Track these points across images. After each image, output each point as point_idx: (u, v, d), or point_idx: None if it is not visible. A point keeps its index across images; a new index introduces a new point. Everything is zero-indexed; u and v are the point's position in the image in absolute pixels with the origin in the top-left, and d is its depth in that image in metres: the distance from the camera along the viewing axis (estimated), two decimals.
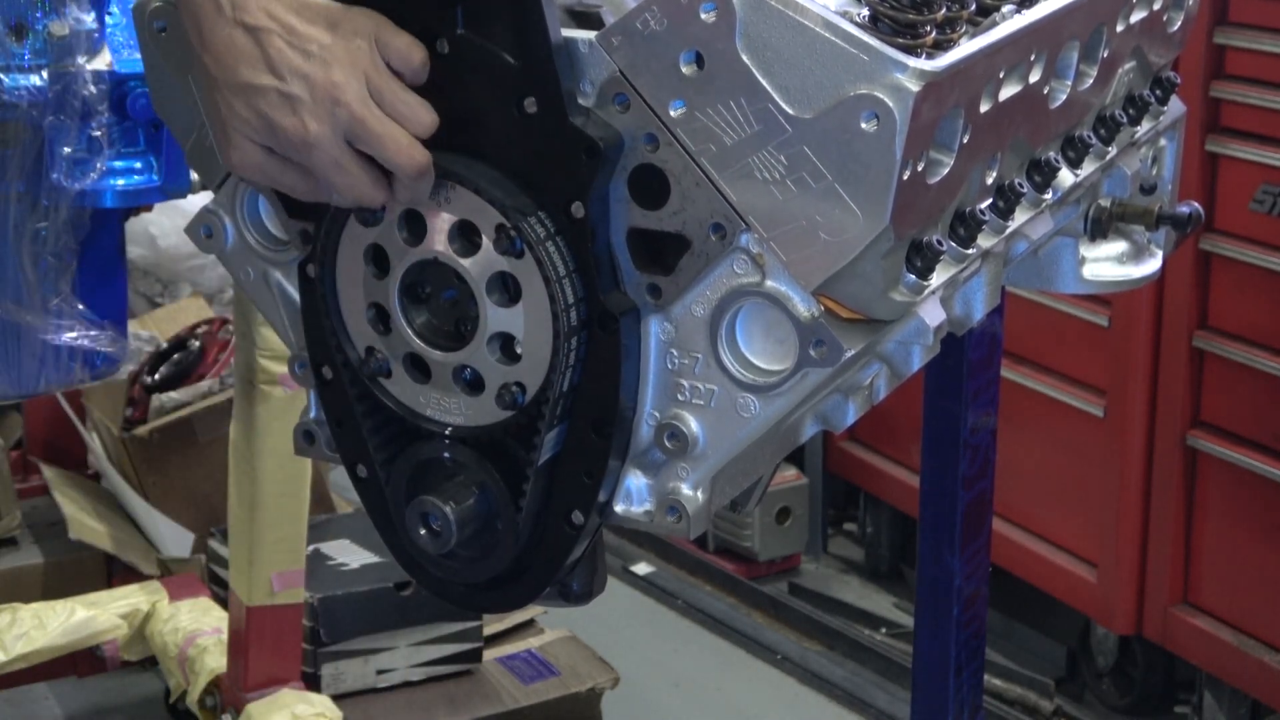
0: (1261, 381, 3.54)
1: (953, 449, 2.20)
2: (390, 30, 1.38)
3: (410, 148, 1.37)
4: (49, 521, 3.79)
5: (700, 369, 1.39)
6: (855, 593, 4.68)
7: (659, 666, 4.11)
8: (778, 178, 1.32)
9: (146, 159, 2.58)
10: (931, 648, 2.27)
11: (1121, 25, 1.76)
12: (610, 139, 1.36)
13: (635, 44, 1.34)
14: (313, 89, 1.36)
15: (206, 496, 3.76)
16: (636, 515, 1.44)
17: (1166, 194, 2.05)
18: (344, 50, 1.36)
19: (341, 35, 1.37)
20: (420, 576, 1.55)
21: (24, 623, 3.20)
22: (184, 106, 1.56)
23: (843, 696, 4.00)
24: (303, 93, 1.36)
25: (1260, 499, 3.58)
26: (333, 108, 1.36)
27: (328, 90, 1.36)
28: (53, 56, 2.48)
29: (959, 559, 2.22)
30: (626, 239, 1.39)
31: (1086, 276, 1.97)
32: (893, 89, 1.27)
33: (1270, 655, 3.56)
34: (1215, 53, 3.57)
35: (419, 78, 1.39)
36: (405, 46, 1.38)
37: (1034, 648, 4.29)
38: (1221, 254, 3.60)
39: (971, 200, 1.50)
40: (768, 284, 1.35)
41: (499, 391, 1.42)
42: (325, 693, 3.20)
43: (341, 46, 1.36)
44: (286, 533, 2.97)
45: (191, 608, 3.30)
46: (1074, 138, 1.73)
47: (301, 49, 1.36)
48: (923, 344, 1.43)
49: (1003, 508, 3.41)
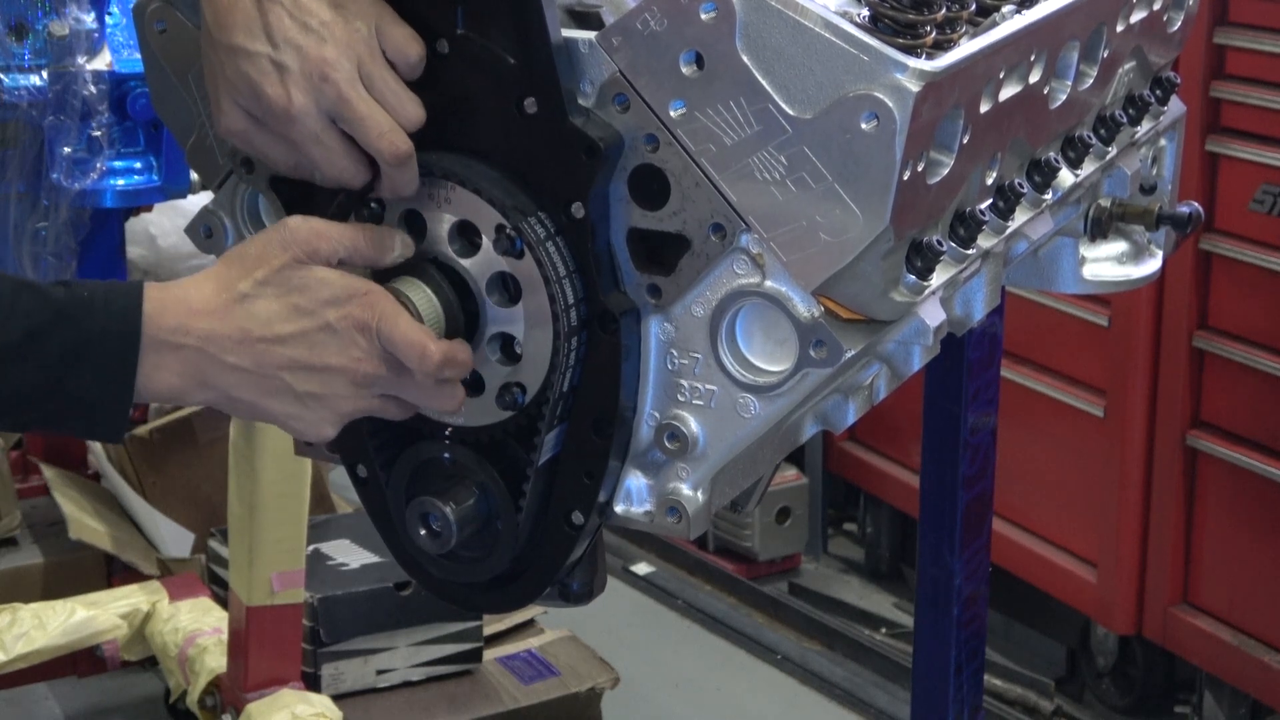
0: (1261, 381, 3.55)
1: (953, 449, 2.20)
2: (392, 20, 1.39)
3: (391, 133, 1.37)
4: (49, 521, 3.78)
5: (700, 369, 1.39)
6: (855, 593, 4.68)
7: (659, 666, 4.11)
8: (778, 178, 1.32)
9: (146, 159, 2.59)
10: (931, 648, 2.27)
11: (1121, 25, 1.76)
12: (610, 139, 1.36)
13: (635, 44, 1.34)
14: (304, 61, 1.36)
15: (206, 496, 3.76)
16: (636, 515, 1.44)
17: (1166, 194, 2.05)
18: (343, 30, 1.37)
19: (343, 16, 1.37)
20: (420, 577, 1.55)
21: (24, 623, 3.20)
22: (184, 106, 1.56)
23: (843, 696, 4.00)
24: (293, 63, 1.36)
25: (1260, 499, 3.58)
26: (320, 83, 1.36)
27: (318, 64, 1.36)
28: (53, 56, 2.48)
29: (959, 559, 2.22)
30: (626, 239, 1.39)
31: (1086, 276, 1.97)
32: (893, 89, 1.27)
33: (1270, 655, 3.56)
34: (1215, 53, 3.58)
35: (413, 72, 1.39)
36: (403, 38, 1.38)
37: (1034, 648, 4.29)
38: (1221, 254, 3.60)
39: (972, 200, 1.50)
40: (768, 284, 1.35)
41: (499, 392, 1.42)
42: (325, 693, 3.20)
43: (341, 26, 1.37)
44: (286, 533, 2.97)
45: (191, 608, 3.30)
46: (1074, 138, 1.73)
47: (301, 21, 1.36)
48: (923, 344, 1.43)
49: (1003, 508, 3.41)
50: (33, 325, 1.26)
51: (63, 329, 1.27)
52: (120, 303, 1.30)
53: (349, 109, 1.36)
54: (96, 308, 1.29)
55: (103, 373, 1.29)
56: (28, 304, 1.27)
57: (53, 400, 1.29)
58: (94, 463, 3.99)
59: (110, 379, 1.29)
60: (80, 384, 1.28)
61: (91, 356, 1.28)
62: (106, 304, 1.29)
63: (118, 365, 1.29)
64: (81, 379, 1.28)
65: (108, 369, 1.29)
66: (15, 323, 1.26)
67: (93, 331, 1.28)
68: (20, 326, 1.26)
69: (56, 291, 1.29)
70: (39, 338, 1.27)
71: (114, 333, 1.29)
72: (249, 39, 1.37)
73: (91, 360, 1.28)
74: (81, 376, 1.28)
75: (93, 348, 1.28)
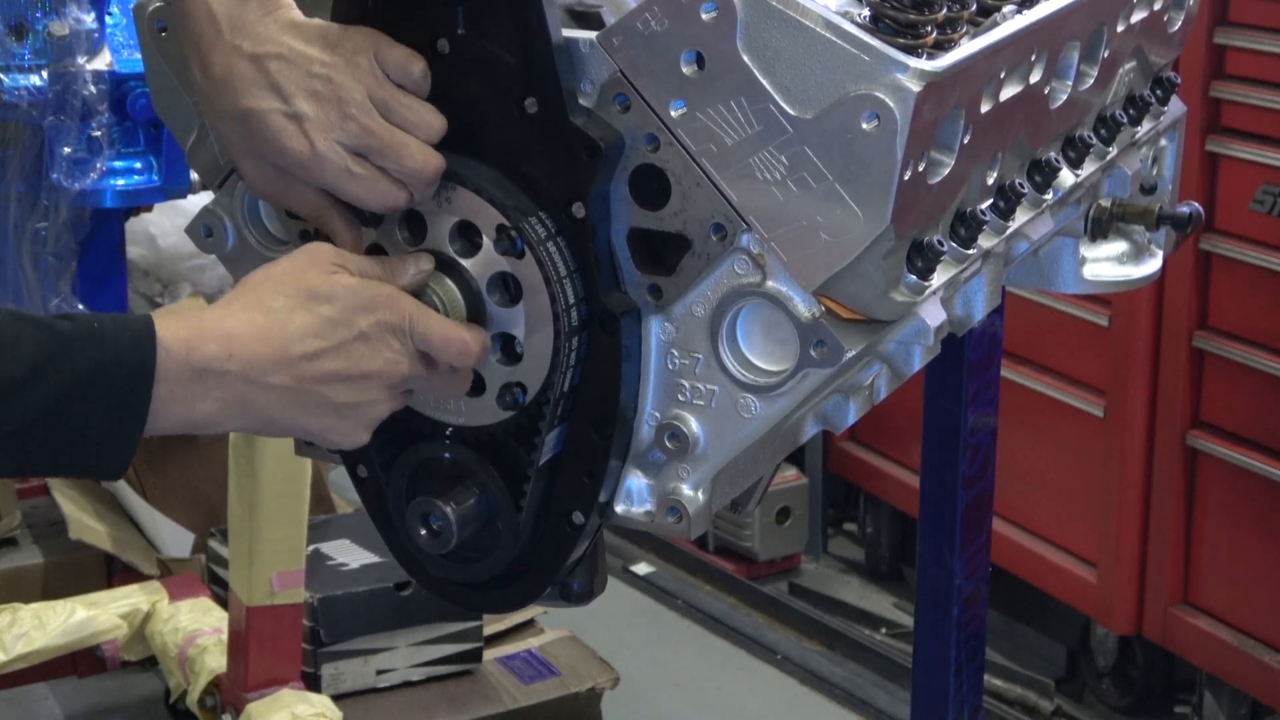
0: (1261, 381, 3.54)
1: (953, 449, 2.20)
2: (387, 44, 1.39)
3: (424, 153, 1.37)
4: (49, 521, 3.78)
5: (701, 369, 1.39)
6: (855, 593, 4.68)
7: (659, 666, 4.11)
8: (779, 178, 1.32)
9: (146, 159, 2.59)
10: (931, 648, 2.27)
11: (1122, 25, 1.76)
12: (611, 139, 1.36)
13: (636, 44, 1.34)
14: (318, 105, 1.36)
15: (206, 496, 3.75)
16: (637, 516, 1.44)
17: (1166, 194, 2.05)
18: (345, 65, 1.37)
19: (341, 53, 1.37)
20: (420, 576, 1.55)
21: (24, 623, 3.20)
22: (184, 106, 1.56)
23: (843, 696, 4.00)
24: (308, 110, 1.36)
25: (1260, 499, 3.58)
26: (341, 122, 1.36)
27: (333, 105, 1.36)
28: (53, 56, 2.48)
29: (959, 559, 2.22)
30: (627, 239, 1.39)
31: (1087, 276, 1.97)
32: (894, 89, 1.27)
33: (1270, 655, 3.56)
34: (1215, 53, 3.58)
35: (421, 88, 1.39)
36: (403, 58, 1.38)
37: (1034, 648, 4.29)
38: (1221, 254, 3.60)
39: (972, 200, 1.50)
40: (768, 284, 1.35)
41: (500, 392, 1.42)
42: (325, 693, 3.20)
43: (343, 63, 1.37)
44: (286, 533, 2.97)
45: (191, 608, 3.30)
46: (1074, 138, 1.73)
47: (304, 69, 1.36)
48: (923, 344, 1.43)
49: (1003, 508, 3.41)
50: (39, 358, 1.22)
51: (72, 362, 1.23)
52: (128, 336, 1.25)
53: (374, 138, 1.36)
54: (107, 341, 1.25)
55: (113, 410, 1.25)
56: (33, 337, 1.22)
57: (56, 438, 1.24)
58: None
59: (121, 415, 1.25)
60: (88, 420, 1.24)
61: (102, 393, 1.24)
62: (116, 336, 1.25)
63: (129, 401, 1.26)
64: (91, 415, 1.24)
65: (118, 406, 1.25)
66: (22, 354, 1.21)
67: (104, 365, 1.24)
68: (27, 358, 1.21)
69: (62, 325, 1.24)
70: (45, 370, 1.22)
71: (126, 366, 1.25)
72: (258, 99, 1.37)
73: (101, 397, 1.24)
74: (91, 412, 1.24)
75: (102, 383, 1.24)
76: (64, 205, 2.52)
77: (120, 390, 1.25)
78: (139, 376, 1.25)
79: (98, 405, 1.24)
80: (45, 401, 1.22)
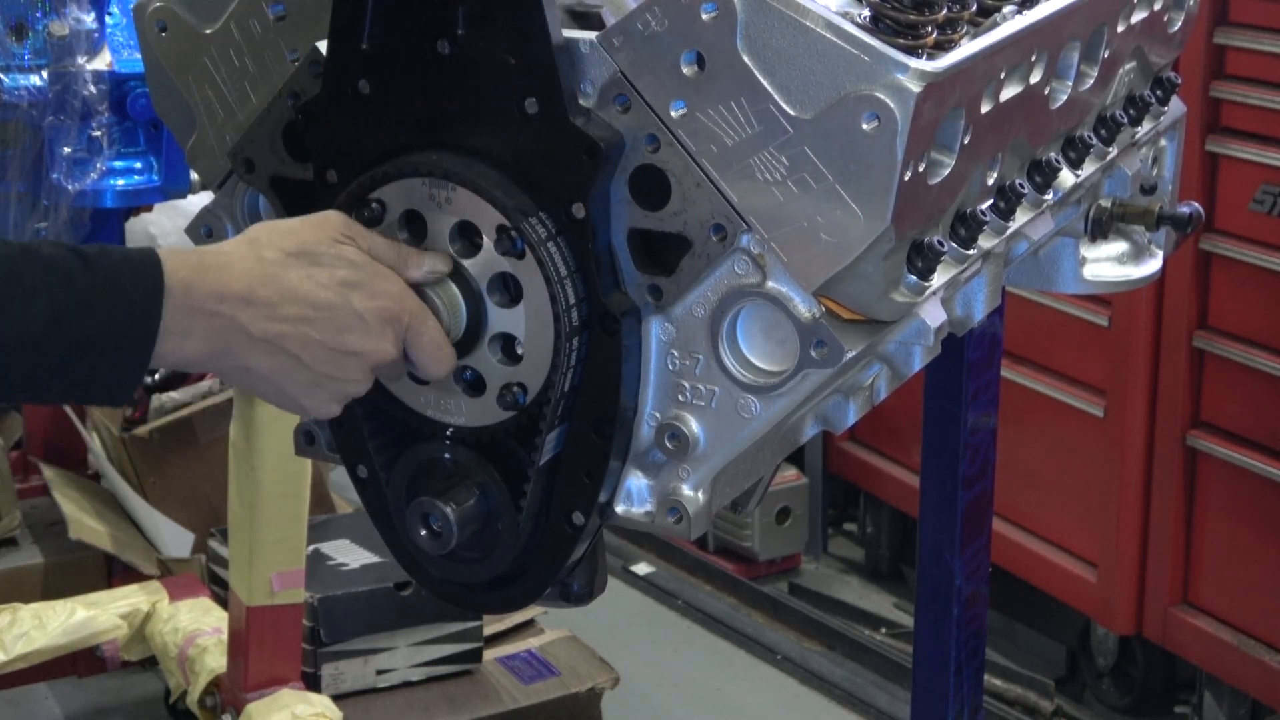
0: (1261, 381, 3.55)
1: (953, 449, 2.20)
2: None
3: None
4: (49, 521, 3.79)
5: (701, 370, 1.39)
6: (855, 593, 4.68)
7: (659, 666, 4.11)
8: (779, 178, 1.32)
9: (146, 159, 2.59)
10: (931, 648, 2.27)
11: (1122, 25, 1.76)
12: (611, 139, 1.35)
13: (636, 44, 1.34)
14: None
15: (206, 496, 3.76)
16: (637, 516, 1.44)
17: (1166, 194, 2.05)
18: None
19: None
20: (421, 577, 1.55)
21: (24, 623, 3.20)
22: (184, 106, 1.56)
23: (843, 696, 4.00)
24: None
25: (1260, 499, 3.58)
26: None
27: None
28: (53, 56, 2.48)
29: (959, 559, 2.22)
30: (627, 239, 1.39)
31: (1087, 276, 1.97)
32: (894, 89, 1.27)
33: (1270, 655, 3.56)
34: (1215, 53, 3.58)
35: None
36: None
37: (1034, 648, 4.30)
38: (1221, 254, 3.60)
39: (972, 201, 1.50)
40: (769, 285, 1.35)
41: (500, 392, 1.42)
42: (325, 693, 3.20)
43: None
44: (286, 533, 2.97)
45: (191, 608, 3.30)
46: (1075, 138, 1.73)
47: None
48: (923, 344, 1.43)
49: (1003, 508, 3.41)
50: (55, 311, 1.25)
51: (84, 322, 1.26)
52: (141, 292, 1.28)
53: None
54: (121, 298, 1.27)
55: (118, 365, 1.29)
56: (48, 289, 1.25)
57: (61, 384, 1.28)
58: (94, 463, 3.99)
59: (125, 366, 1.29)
60: (94, 372, 1.28)
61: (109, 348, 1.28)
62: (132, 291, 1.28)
63: (133, 354, 1.29)
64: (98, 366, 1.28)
65: (123, 361, 1.29)
66: (35, 310, 1.24)
67: (114, 322, 1.27)
68: (41, 315, 1.24)
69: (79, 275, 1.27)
70: (59, 327, 1.25)
71: (137, 324, 1.28)
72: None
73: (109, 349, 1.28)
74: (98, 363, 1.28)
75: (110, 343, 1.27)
76: (64, 205, 2.52)
77: (129, 347, 1.29)
78: (146, 335, 1.28)
79: (104, 358, 1.28)
80: (56, 359, 1.26)
